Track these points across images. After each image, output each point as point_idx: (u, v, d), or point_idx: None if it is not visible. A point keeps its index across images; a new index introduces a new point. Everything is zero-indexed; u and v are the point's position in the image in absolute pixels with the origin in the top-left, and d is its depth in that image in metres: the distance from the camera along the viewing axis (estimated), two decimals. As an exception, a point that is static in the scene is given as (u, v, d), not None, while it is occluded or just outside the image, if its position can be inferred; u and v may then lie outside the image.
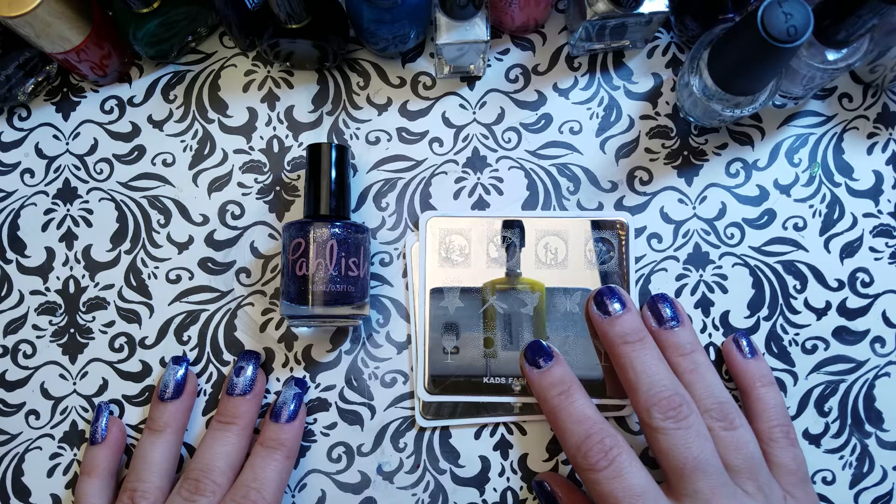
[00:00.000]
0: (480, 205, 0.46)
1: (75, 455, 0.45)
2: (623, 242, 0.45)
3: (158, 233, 0.47)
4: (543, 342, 0.43)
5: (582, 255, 0.45)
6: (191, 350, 0.45)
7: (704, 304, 0.46)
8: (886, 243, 0.46)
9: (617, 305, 0.42)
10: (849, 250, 0.46)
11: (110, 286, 0.46)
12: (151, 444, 0.42)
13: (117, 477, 0.43)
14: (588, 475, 0.38)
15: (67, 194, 0.47)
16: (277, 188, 0.47)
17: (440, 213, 0.46)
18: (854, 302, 0.46)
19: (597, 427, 0.38)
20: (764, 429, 0.41)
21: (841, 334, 0.45)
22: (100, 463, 0.42)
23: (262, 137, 0.47)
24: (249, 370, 0.43)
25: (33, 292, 0.46)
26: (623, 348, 0.41)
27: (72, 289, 0.46)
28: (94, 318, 0.46)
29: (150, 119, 0.48)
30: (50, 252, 0.47)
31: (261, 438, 0.42)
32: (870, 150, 0.47)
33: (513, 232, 0.45)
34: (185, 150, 0.47)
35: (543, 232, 0.45)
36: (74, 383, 0.45)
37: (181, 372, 0.44)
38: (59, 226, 0.47)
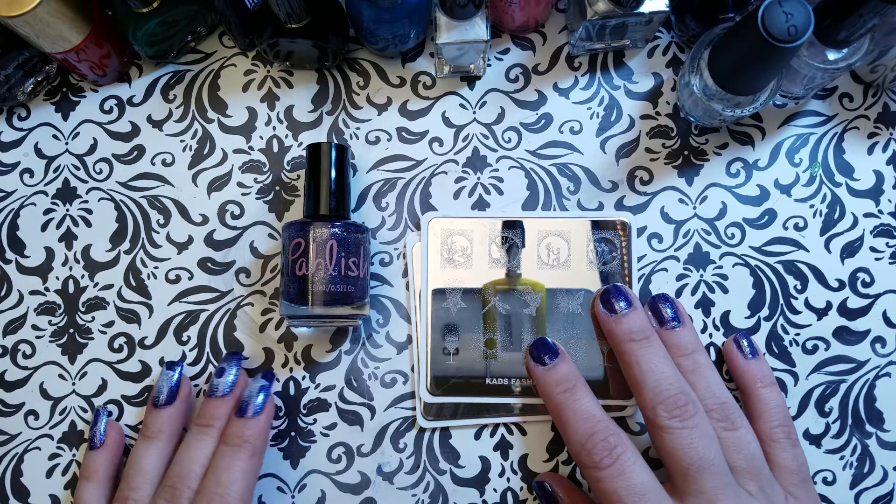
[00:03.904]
0: (480, 205, 0.46)
1: (74, 455, 0.45)
2: (625, 242, 0.45)
3: (158, 233, 0.46)
4: (549, 339, 0.43)
5: (584, 256, 0.45)
6: (190, 350, 0.45)
7: (705, 305, 0.46)
8: (887, 243, 0.46)
9: (623, 304, 0.42)
10: (849, 250, 0.46)
11: (110, 286, 0.46)
12: (145, 451, 0.41)
13: (116, 481, 0.43)
14: (591, 473, 0.38)
15: (67, 194, 0.47)
16: (277, 188, 0.47)
17: (442, 214, 0.46)
18: (855, 302, 0.46)
19: (601, 425, 0.38)
20: (765, 429, 0.41)
21: (841, 334, 0.45)
22: (98, 467, 0.42)
23: (261, 137, 0.47)
24: (232, 372, 0.43)
25: (33, 292, 0.46)
26: (629, 346, 0.41)
27: (71, 289, 0.46)
28: (93, 318, 0.46)
29: (149, 119, 0.48)
30: (49, 252, 0.46)
31: (224, 436, 0.41)
32: (870, 150, 0.47)
33: (514, 232, 0.45)
34: (184, 149, 0.47)
35: (546, 232, 0.45)
36: (74, 383, 0.45)
37: (175, 377, 0.43)
38: (58, 226, 0.47)
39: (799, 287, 0.46)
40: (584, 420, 0.39)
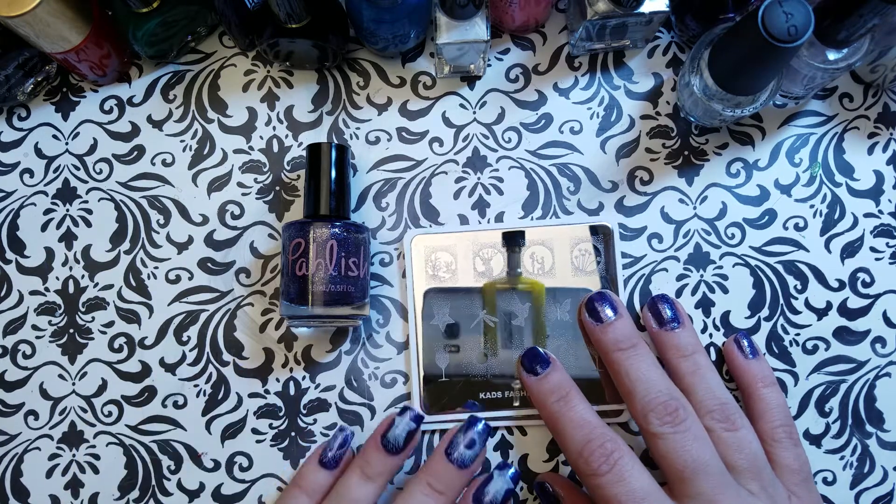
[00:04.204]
0: (480, 205, 0.46)
1: (74, 456, 0.45)
2: (609, 247, 0.45)
3: (158, 233, 0.46)
4: (540, 349, 0.43)
5: (568, 263, 0.45)
6: (190, 350, 0.45)
7: (705, 305, 0.46)
8: (887, 243, 0.46)
9: (609, 311, 0.42)
10: (849, 250, 0.46)
11: (110, 286, 0.46)
12: (364, 491, 0.40)
13: None
14: (590, 480, 0.37)
15: (67, 194, 0.47)
16: (277, 188, 0.47)
17: (424, 231, 0.46)
18: (855, 302, 0.46)
19: (597, 432, 0.38)
20: (767, 429, 0.41)
21: (842, 334, 0.45)
22: (321, 487, 0.41)
23: (261, 137, 0.47)
24: (480, 445, 0.41)
25: (33, 292, 0.46)
26: (616, 355, 0.40)
27: (71, 289, 0.46)
28: (93, 318, 0.46)
29: (149, 119, 0.48)
30: (49, 252, 0.46)
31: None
32: (870, 150, 0.47)
33: (503, 239, 0.45)
34: (184, 149, 0.47)
35: (529, 242, 0.45)
36: (73, 384, 0.45)
37: (413, 429, 0.41)
38: (58, 226, 0.47)
39: (799, 287, 0.46)
40: (580, 427, 0.39)
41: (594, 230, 0.45)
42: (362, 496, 0.40)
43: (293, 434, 0.45)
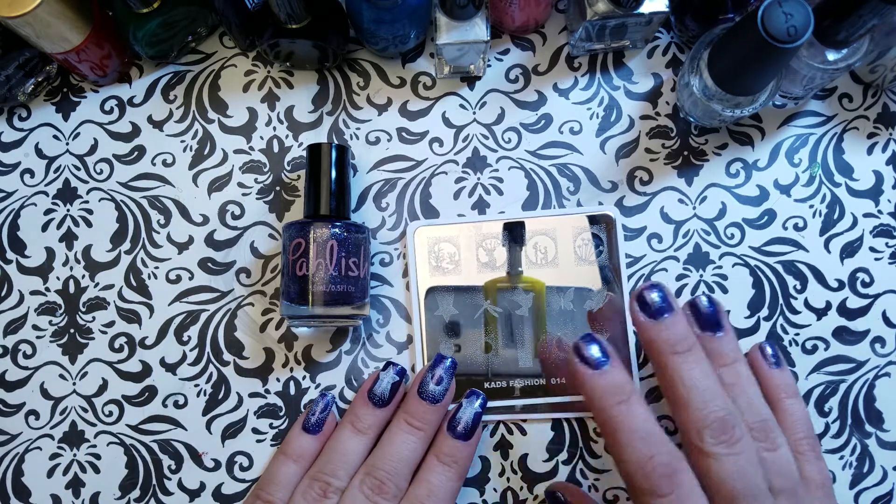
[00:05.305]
0: (480, 205, 0.46)
1: (75, 455, 0.45)
2: (611, 237, 0.45)
3: (158, 233, 0.47)
4: (597, 336, 0.38)
5: (571, 253, 0.45)
6: (191, 350, 0.45)
7: (704, 305, 0.46)
8: (886, 243, 0.46)
9: (662, 305, 0.37)
10: (849, 250, 0.46)
11: (110, 286, 0.46)
12: (355, 444, 0.41)
13: None
14: (646, 499, 0.34)
15: (67, 194, 0.47)
16: (277, 188, 0.47)
17: (426, 223, 0.46)
18: (854, 302, 0.46)
19: (664, 447, 0.35)
20: (790, 441, 0.39)
21: (841, 334, 0.45)
22: (307, 451, 0.42)
23: (262, 137, 0.47)
24: (449, 381, 0.42)
25: (33, 292, 0.46)
26: (672, 359, 0.37)
27: (72, 289, 0.46)
28: (94, 318, 0.46)
29: (150, 119, 0.48)
30: (50, 252, 0.47)
31: (437, 450, 0.41)
32: (870, 151, 0.47)
33: (504, 235, 0.45)
34: (185, 150, 0.47)
35: (532, 232, 0.45)
36: (74, 383, 0.45)
37: (398, 381, 0.43)
38: (59, 226, 0.47)
39: (798, 287, 0.46)
40: (644, 440, 0.35)
41: (597, 220, 0.45)
42: (354, 448, 0.41)
43: (293, 434, 0.45)
